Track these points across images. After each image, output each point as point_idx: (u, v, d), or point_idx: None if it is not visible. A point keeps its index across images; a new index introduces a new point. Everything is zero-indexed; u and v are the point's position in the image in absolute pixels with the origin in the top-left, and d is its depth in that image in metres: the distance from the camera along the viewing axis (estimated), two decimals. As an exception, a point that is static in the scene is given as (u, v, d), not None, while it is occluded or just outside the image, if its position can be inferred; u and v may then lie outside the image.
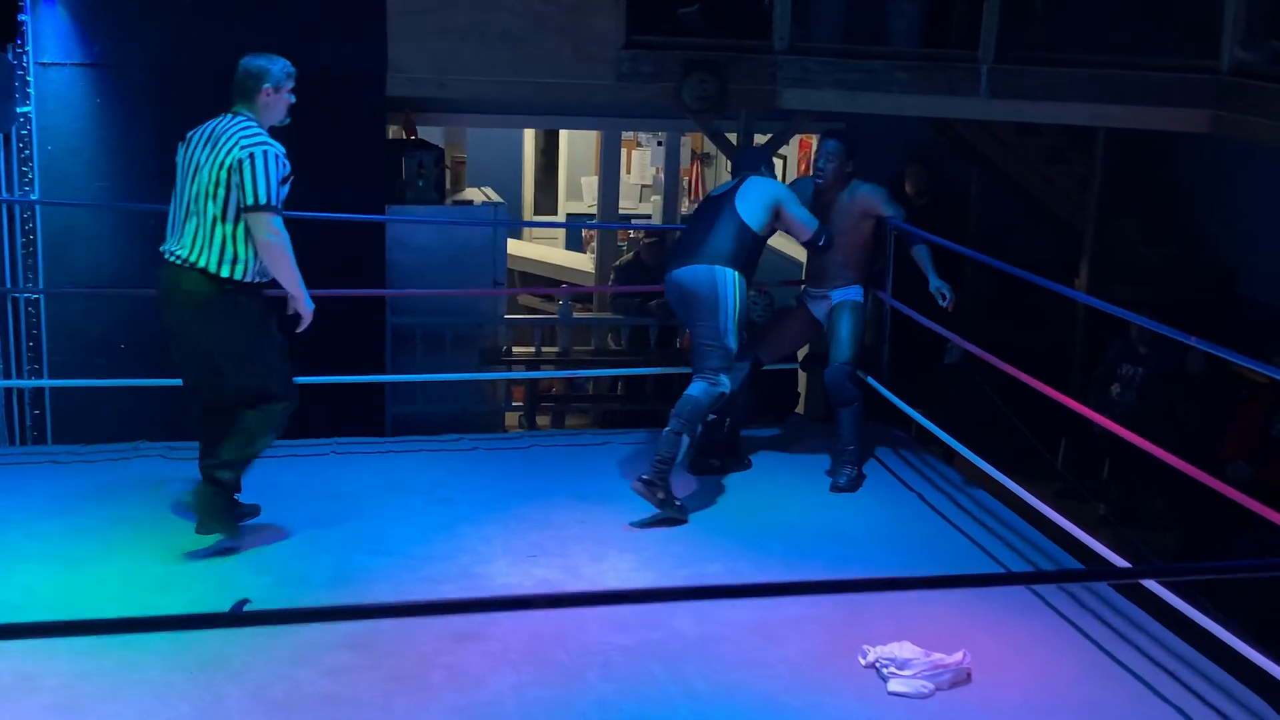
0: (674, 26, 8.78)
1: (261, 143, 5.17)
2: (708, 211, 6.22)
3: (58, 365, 7.93)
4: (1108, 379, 8.85)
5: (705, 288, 5.94)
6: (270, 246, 5.17)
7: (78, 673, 4.42)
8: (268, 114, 5.31)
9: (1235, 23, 7.86)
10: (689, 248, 6.10)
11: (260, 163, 5.11)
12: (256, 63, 5.31)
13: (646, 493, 5.82)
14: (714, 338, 5.96)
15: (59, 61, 7.84)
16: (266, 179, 5.11)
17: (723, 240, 6.01)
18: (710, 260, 5.97)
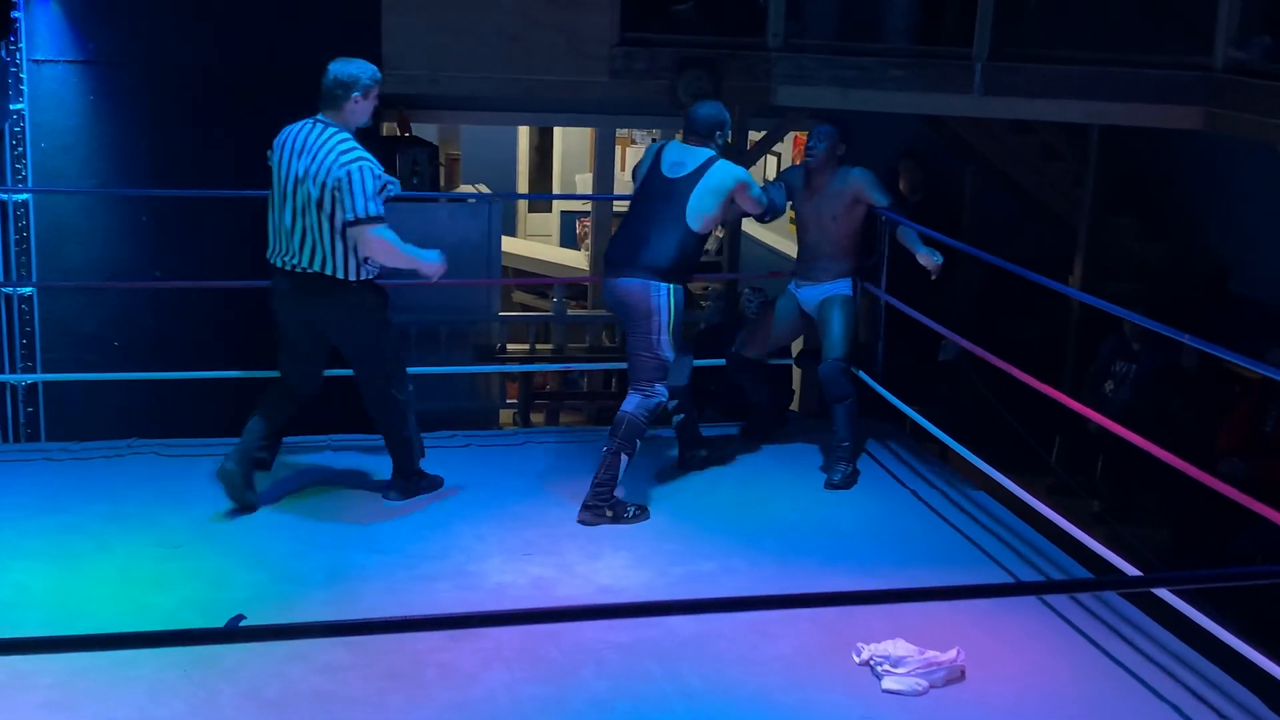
0: (668, 23, 8.79)
1: (357, 158, 5.39)
2: (656, 202, 5.91)
3: (51, 361, 7.92)
4: (1101, 376, 8.87)
5: (640, 302, 5.84)
6: (377, 254, 5.53)
7: (72, 670, 4.41)
8: (353, 119, 5.51)
9: (1229, 20, 7.88)
10: (626, 250, 5.90)
11: (358, 178, 5.36)
12: (347, 70, 5.46)
13: (593, 520, 5.78)
14: (648, 349, 5.87)
15: (52, 58, 7.83)
16: (364, 193, 5.37)
17: (662, 249, 5.83)
18: (646, 274, 5.82)
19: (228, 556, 5.34)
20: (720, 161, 5.95)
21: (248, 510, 5.66)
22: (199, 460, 6.21)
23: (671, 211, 5.87)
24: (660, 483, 6.26)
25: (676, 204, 5.87)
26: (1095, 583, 5.19)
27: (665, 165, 5.97)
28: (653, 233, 5.86)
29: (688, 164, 5.93)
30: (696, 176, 5.88)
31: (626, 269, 5.86)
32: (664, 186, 5.92)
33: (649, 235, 5.87)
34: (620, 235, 6.05)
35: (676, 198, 5.88)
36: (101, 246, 7.98)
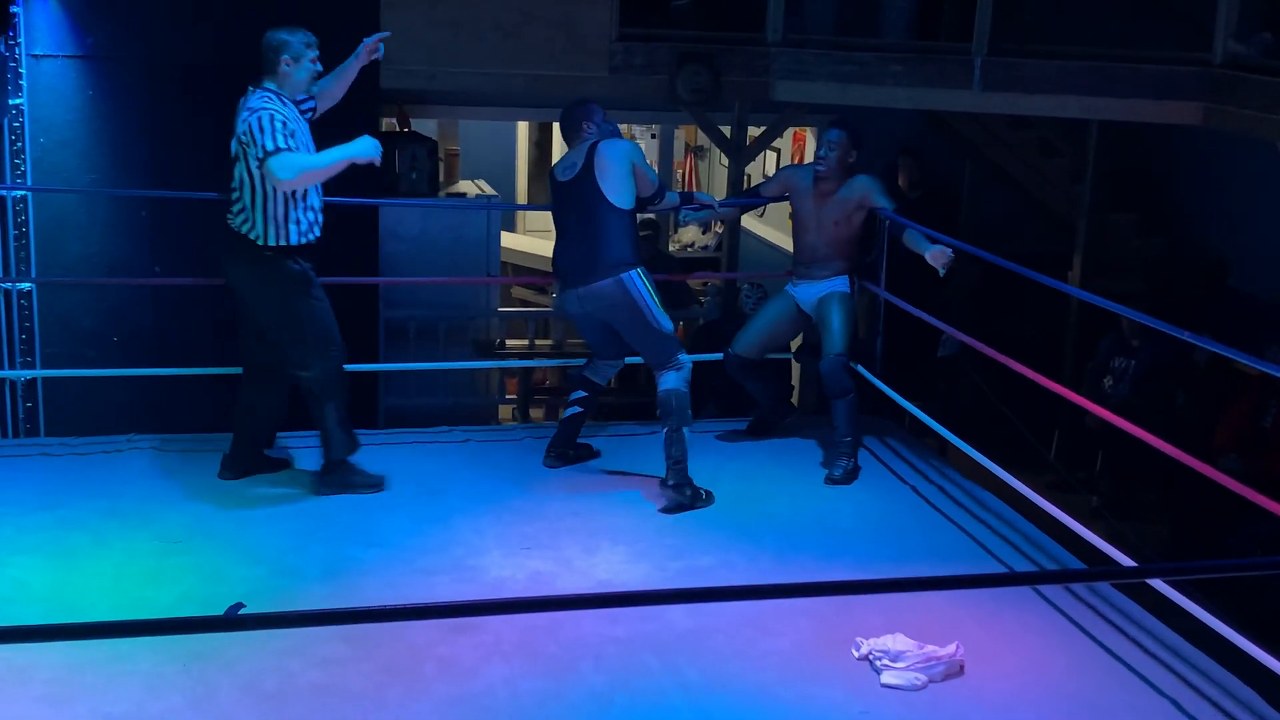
0: (667, 18, 8.79)
1: (262, 107, 5.47)
2: (576, 207, 5.98)
3: (50, 357, 7.92)
4: (1100, 372, 8.87)
5: (620, 296, 5.90)
6: (298, 180, 5.49)
7: (69, 664, 4.41)
8: (290, 84, 5.62)
9: (1228, 15, 7.87)
10: (578, 260, 5.94)
11: (261, 122, 5.43)
12: (277, 36, 5.62)
13: (677, 500, 5.88)
14: (650, 332, 5.96)
15: (51, 54, 7.82)
16: (265, 133, 5.41)
17: (612, 244, 5.88)
18: (612, 270, 5.88)
19: (225, 551, 5.34)
20: (601, 142, 6.01)
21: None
22: (197, 456, 6.21)
23: (593, 208, 5.93)
24: (658, 477, 6.25)
25: (591, 199, 5.94)
26: (1088, 573, 5.20)
27: (560, 174, 6.10)
28: (591, 235, 5.93)
29: (577, 162, 6.03)
30: (589, 166, 5.95)
31: (589, 276, 5.92)
32: (568, 192, 6.02)
33: (589, 239, 5.93)
34: (564, 250, 6.09)
35: (587, 195, 5.94)
36: (100, 242, 7.97)
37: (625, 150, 6.02)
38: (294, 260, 5.61)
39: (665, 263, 10.34)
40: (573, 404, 6.41)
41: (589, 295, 5.95)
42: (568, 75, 8.42)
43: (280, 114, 5.48)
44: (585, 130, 6.09)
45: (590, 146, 6.00)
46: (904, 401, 6.62)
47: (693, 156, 14.17)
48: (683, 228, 13.36)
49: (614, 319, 6.03)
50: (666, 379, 5.98)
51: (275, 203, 5.53)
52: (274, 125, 5.43)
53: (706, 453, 6.61)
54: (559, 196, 6.10)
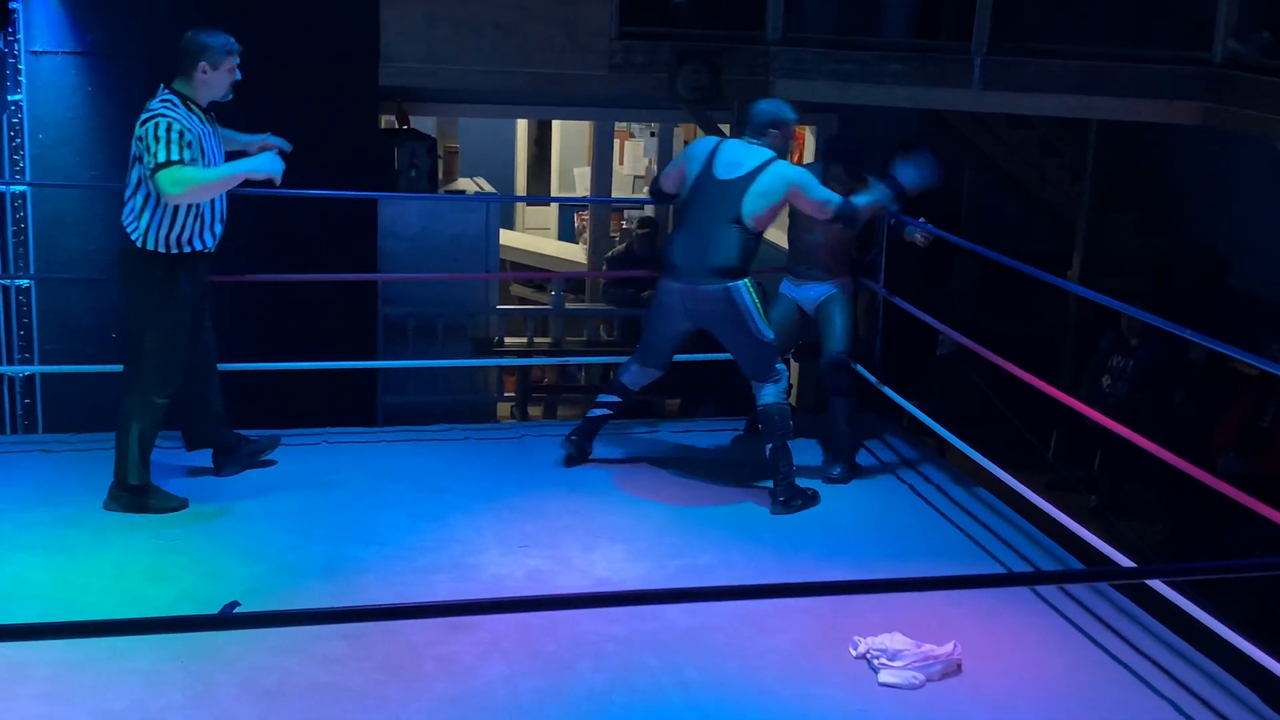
0: (667, 17, 8.79)
1: (155, 113, 5.29)
2: (713, 206, 5.88)
3: (49, 353, 7.92)
4: (1099, 371, 8.88)
5: (727, 307, 5.87)
6: (185, 198, 5.31)
7: (68, 662, 4.41)
8: (205, 90, 5.41)
9: (1228, 14, 7.87)
10: (696, 255, 5.87)
11: (151, 130, 5.25)
12: (197, 39, 5.39)
13: (789, 510, 5.90)
14: (753, 342, 5.94)
15: (50, 50, 7.82)
16: (160, 143, 5.23)
17: (727, 252, 5.83)
18: (722, 278, 5.84)
19: (225, 549, 5.34)
20: (776, 164, 5.90)
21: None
22: (195, 453, 6.20)
23: (727, 214, 5.86)
24: (658, 475, 6.26)
25: (730, 207, 5.85)
26: (1087, 574, 5.20)
27: (718, 166, 5.93)
28: (714, 236, 5.86)
29: (743, 165, 5.89)
30: (749, 179, 5.85)
31: (700, 276, 5.87)
32: (717, 188, 5.89)
33: (711, 239, 5.86)
34: (683, 239, 5.99)
35: (730, 200, 5.85)
36: (99, 238, 7.96)
37: (789, 179, 5.88)
38: (166, 269, 5.41)
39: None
40: (601, 405, 6.32)
41: (694, 295, 5.90)
42: (568, 73, 8.42)
43: (178, 123, 5.27)
44: (768, 136, 5.97)
45: (765, 162, 5.87)
46: (903, 401, 6.62)
47: (692, 154, 14.14)
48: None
49: (715, 325, 5.99)
50: (766, 392, 5.95)
51: (162, 209, 5.36)
52: (170, 135, 5.24)
53: (705, 451, 6.62)
54: (704, 187, 5.93)
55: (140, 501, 5.58)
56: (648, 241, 10.06)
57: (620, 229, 12.81)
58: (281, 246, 7.84)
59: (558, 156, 13.46)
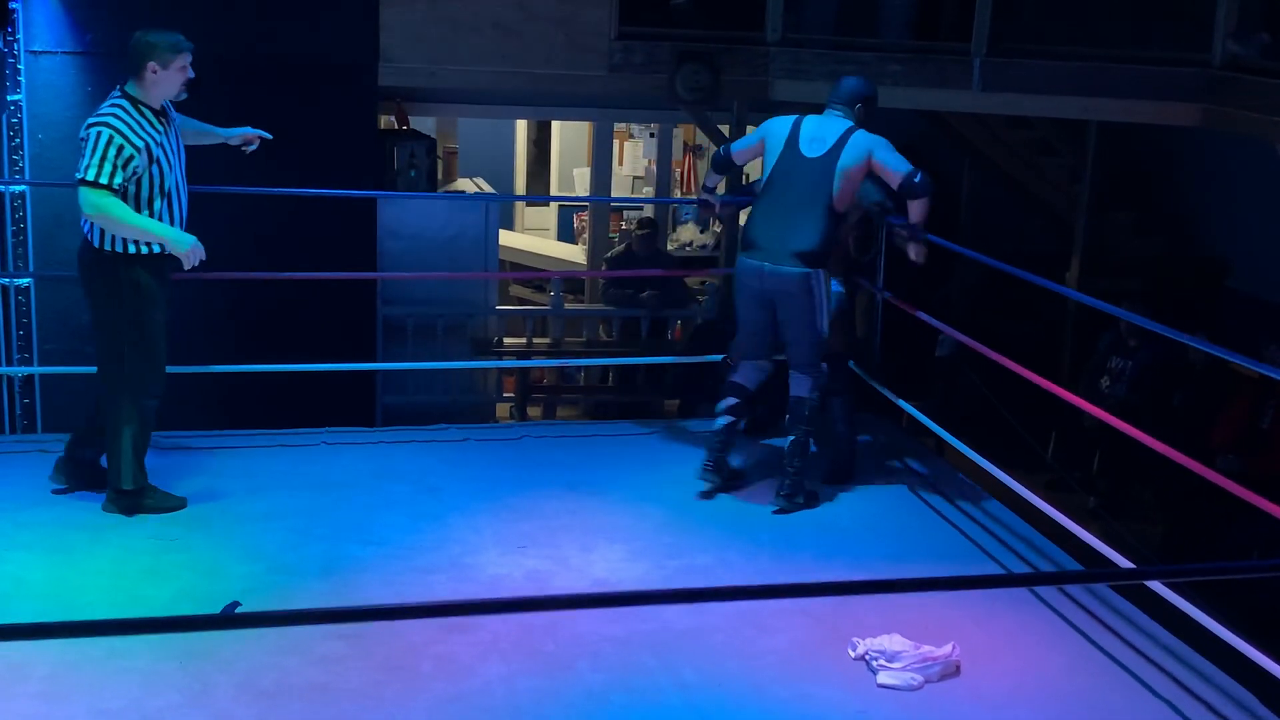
0: (666, 17, 8.79)
1: (102, 121, 5.21)
2: (795, 182, 5.82)
3: (48, 353, 7.91)
4: (1098, 372, 8.88)
5: (801, 292, 5.81)
6: (96, 219, 5.24)
7: (66, 662, 4.41)
8: (155, 91, 5.33)
9: (1227, 15, 7.87)
10: (776, 235, 5.81)
11: (93, 140, 5.17)
12: (145, 39, 5.31)
13: (791, 508, 5.89)
14: (812, 332, 5.89)
15: (50, 50, 7.82)
16: (95, 156, 5.15)
17: (811, 234, 5.76)
18: (801, 262, 5.77)
19: (222, 548, 5.34)
20: (857, 133, 5.85)
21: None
22: (193, 453, 6.21)
23: (815, 193, 5.80)
24: (656, 475, 6.26)
25: (820, 185, 5.80)
26: (1085, 575, 5.20)
27: (803, 142, 5.88)
28: (799, 217, 5.81)
29: (827, 139, 5.85)
30: (835, 153, 5.80)
31: (780, 257, 5.80)
32: (804, 166, 5.84)
33: (796, 220, 5.81)
34: (764, 218, 5.91)
35: (819, 178, 5.80)
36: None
37: (868, 144, 5.81)
38: (128, 268, 5.33)
39: (664, 261, 10.34)
40: (723, 413, 6.10)
41: (774, 275, 5.83)
42: (567, 74, 8.42)
43: (120, 138, 5.18)
44: (854, 111, 5.92)
45: (847, 131, 5.82)
46: (901, 401, 6.62)
47: (691, 156, 14.16)
48: (682, 226, 13.38)
49: (783, 305, 5.89)
50: (803, 383, 5.93)
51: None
52: (108, 150, 5.16)
53: (703, 451, 6.60)
54: (792, 166, 5.86)
55: (137, 503, 5.55)
56: (647, 242, 10.05)
57: (620, 230, 12.80)
58: (281, 246, 7.83)
59: (557, 157, 13.46)
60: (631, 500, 5.97)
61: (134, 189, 5.28)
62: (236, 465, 6.16)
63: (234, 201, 7.41)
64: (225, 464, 6.17)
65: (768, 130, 6.06)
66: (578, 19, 8.34)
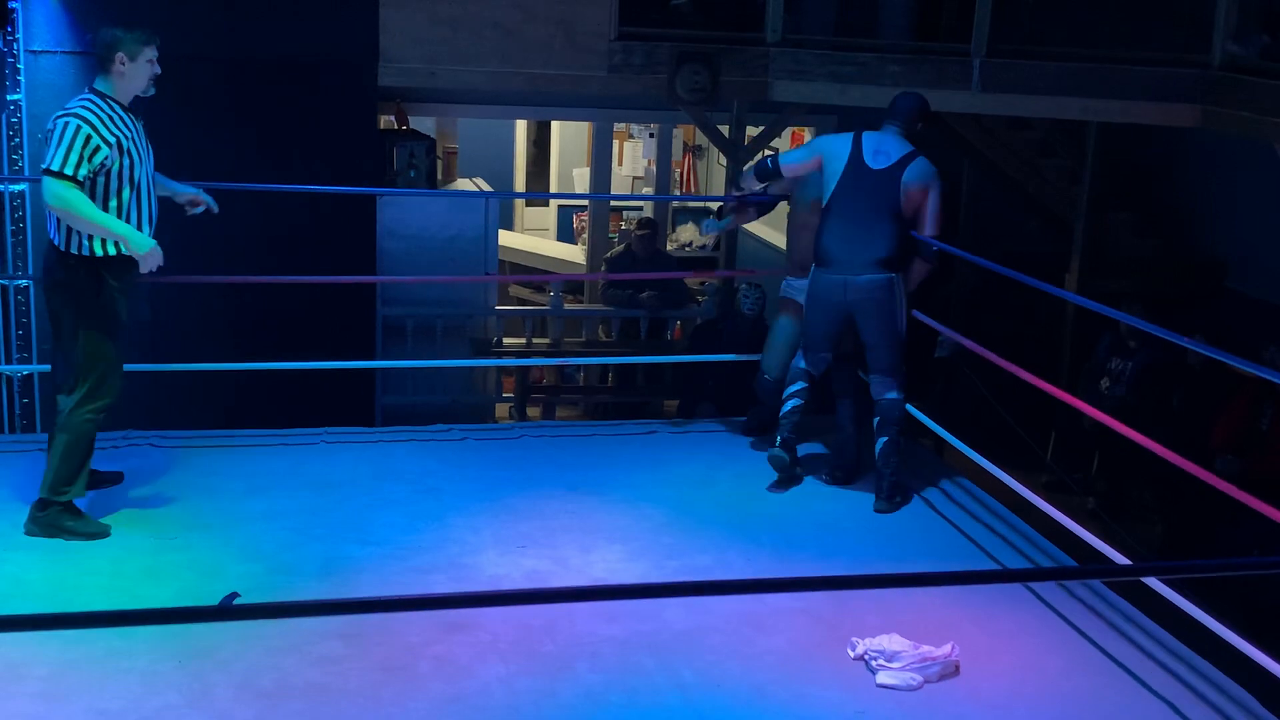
0: (666, 18, 8.79)
1: (70, 113, 5.14)
2: (874, 196, 5.97)
3: (47, 353, 7.90)
4: (1097, 373, 8.88)
5: (885, 298, 5.95)
6: (59, 212, 5.14)
7: (66, 661, 4.41)
8: (125, 84, 5.28)
9: (1226, 17, 7.88)
10: (856, 247, 5.94)
11: (59, 131, 5.10)
12: (111, 33, 5.27)
13: (893, 508, 5.99)
14: (895, 337, 6.00)
15: (50, 49, 7.83)
16: (61, 146, 5.07)
17: (889, 243, 5.93)
18: (884, 269, 5.93)
19: (222, 548, 5.34)
20: (921, 158, 6.02)
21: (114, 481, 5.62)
22: (192, 452, 6.21)
23: (884, 203, 5.95)
24: (656, 476, 6.26)
25: (889, 194, 5.95)
26: (1082, 571, 5.20)
27: (868, 155, 6.01)
28: (873, 227, 5.94)
29: (891, 154, 6.00)
30: (901, 167, 5.96)
31: (861, 268, 5.93)
32: (871, 178, 5.98)
33: (871, 230, 5.94)
34: (838, 232, 6.01)
35: (886, 188, 5.95)
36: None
37: (926, 176, 5.99)
38: (90, 272, 5.22)
39: (663, 261, 10.34)
40: (792, 396, 6.17)
41: (855, 285, 5.95)
42: (567, 74, 8.43)
43: (88, 127, 5.09)
44: (913, 126, 6.09)
45: (912, 152, 5.99)
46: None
47: (691, 156, 14.17)
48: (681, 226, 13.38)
49: (866, 312, 5.99)
50: (889, 385, 6.00)
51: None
52: (75, 141, 5.07)
53: (703, 452, 6.61)
54: (859, 178, 5.99)
55: (52, 517, 5.32)
56: (646, 242, 10.05)
57: (619, 230, 12.81)
58: (280, 246, 7.84)
59: (557, 157, 13.47)
60: (631, 501, 5.97)
61: (103, 181, 5.19)
62: (236, 465, 6.16)
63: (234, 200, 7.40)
64: (224, 463, 6.17)
65: (825, 148, 6.18)
66: (577, 19, 8.35)
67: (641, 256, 9.97)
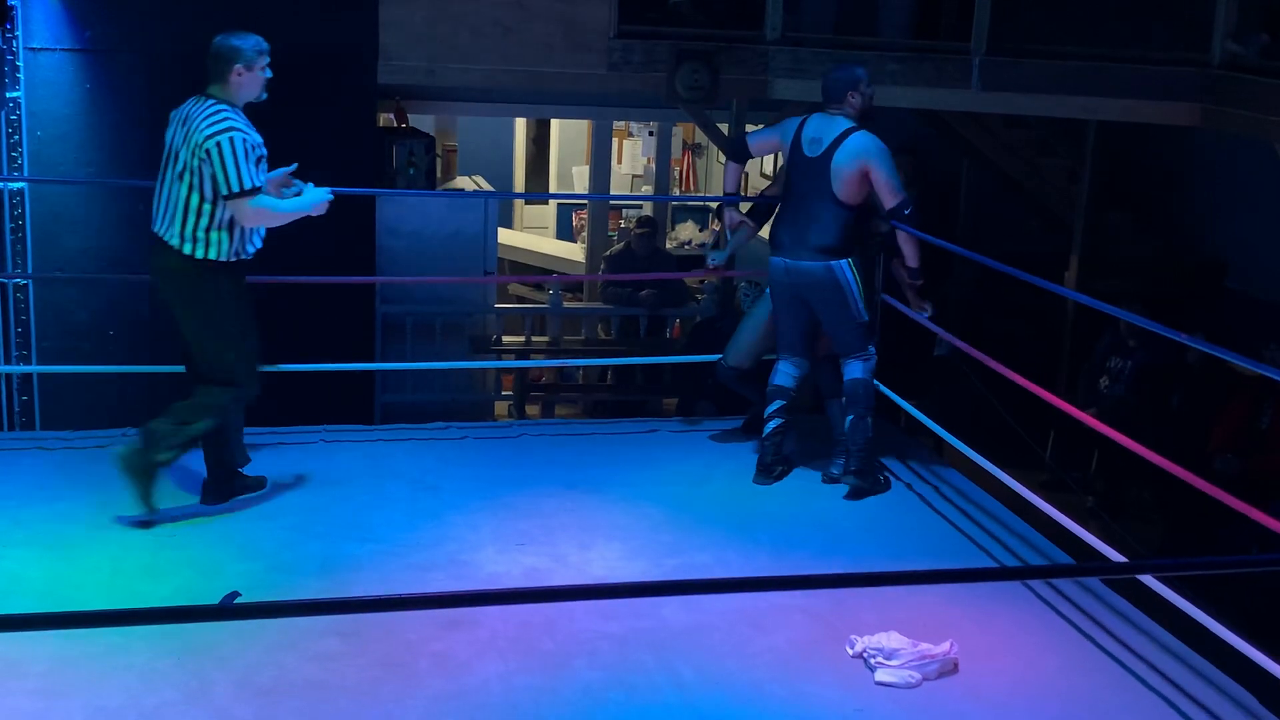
0: (665, 16, 8.79)
1: (227, 129, 5.28)
2: (805, 184, 6.00)
3: (46, 351, 7.91)
4: (1097, 372, 8.88)
5: (826, 282, 6.00)
6: (257, 223, 5.44)
7: (64, 658, 4.41)
8: (240, 93, 5.43)
9: (1226, 16, 7.88)
10: (795, 233, 6.03)
11: (228, 150, 5.25)
12: (227, 43, 5.42)
13: (859, 486, 6.06)
14: (848, 319, 6.07)
15: (49, 47, 7.82)
16: (236, 164, 5.25)
17: (825, 230, 5.95)
18: (825, 255, 5.97)
19: (220, 546, 5.34)
20: (852, 136, 5.96)
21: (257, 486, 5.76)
22: (191, 451, 6.20)
23: (819, 192, 5.98)
24: (655, 474, 6.26)
25: (821, 183, 5.97)
26: (1081, 569, 5.21)
27: (805, 142, 6.04)
28: (812, 214, 6.00)
29: (824, 139, 5.99)
30: (830, 153, 5.95)
31: (801, 253, 6.01)
32: (805, 165, 6.03)
33: (809, 217, 6.00)
34: (785, 217, 6.13)
35: (818, 177, 5.98)
36: (97, 236, 7.96)
37: (862, 152, 5.92)
38: (222, 277, 5.43)
39: (663, 259, 10.34)
40: (771, 417, 6.23)
41: (796, 270, 6.04)
42: (566, 72, 8.42)
43: (245, 136, 5.31)
44: (848, 101, 6.03)
45: (844, 133, 5.94)
46: (900, 400, 6.62)
47: (690, 154, 14.17)
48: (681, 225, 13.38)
49: (815, 300, 6.09)
50: (854, 368, 6.10)
51: (220, 219, 5.37)
52: (245, 153, 5.28)
53: (702, 450, 6.62)
54: (797, 165, 6.06)
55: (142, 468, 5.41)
56: (646, 241, 10.05)
57: (618, 228, 12.81)
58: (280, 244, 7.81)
59: (556, 155, 13.47)
60: (630, 499, 5.97)
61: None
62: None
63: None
64: (223, 461, 6.16)
65: (783, 129, 6.24)
66: (577, 17, 8.34)
67: (641, 254, 9.98)
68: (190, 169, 5.31)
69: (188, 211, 5.34)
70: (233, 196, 5.27)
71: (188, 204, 5.34)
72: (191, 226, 5.35)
